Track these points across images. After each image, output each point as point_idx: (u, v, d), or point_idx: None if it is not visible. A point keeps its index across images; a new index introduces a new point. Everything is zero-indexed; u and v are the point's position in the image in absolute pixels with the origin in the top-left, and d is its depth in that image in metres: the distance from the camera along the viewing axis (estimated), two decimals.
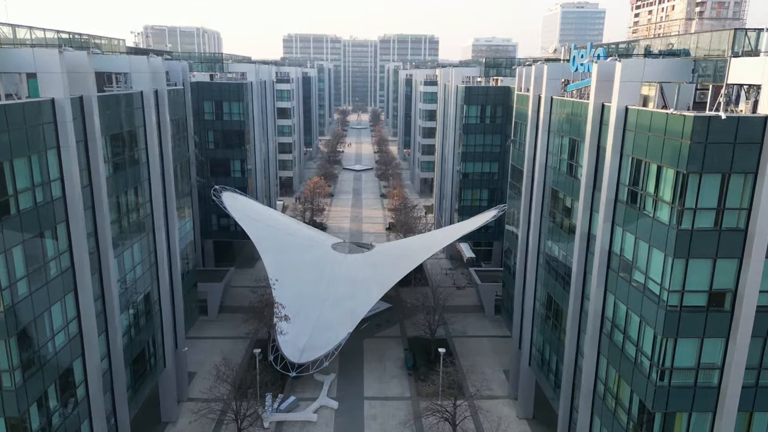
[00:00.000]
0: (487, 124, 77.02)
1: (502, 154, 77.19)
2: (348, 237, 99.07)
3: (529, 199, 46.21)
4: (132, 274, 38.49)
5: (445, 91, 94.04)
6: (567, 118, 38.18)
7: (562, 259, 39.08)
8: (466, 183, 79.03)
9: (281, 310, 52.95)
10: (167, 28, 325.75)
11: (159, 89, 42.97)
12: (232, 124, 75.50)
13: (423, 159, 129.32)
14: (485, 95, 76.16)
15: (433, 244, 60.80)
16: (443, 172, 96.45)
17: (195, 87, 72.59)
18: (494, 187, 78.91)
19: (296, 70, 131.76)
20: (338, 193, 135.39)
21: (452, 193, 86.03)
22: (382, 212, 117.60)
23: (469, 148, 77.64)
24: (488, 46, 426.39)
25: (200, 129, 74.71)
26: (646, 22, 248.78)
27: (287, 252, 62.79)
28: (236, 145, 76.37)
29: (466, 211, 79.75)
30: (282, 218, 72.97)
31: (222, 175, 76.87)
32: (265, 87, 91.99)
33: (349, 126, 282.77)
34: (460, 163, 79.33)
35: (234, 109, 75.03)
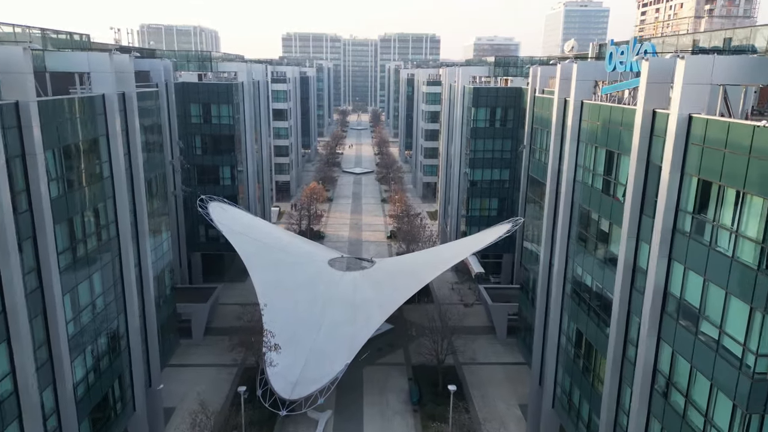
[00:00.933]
0: (497, 128, 71.24)
1: (514, 160, 71.44)
2: (347, 246, 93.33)
3: (552, 218, 40.39)
4: (90, 310, 32.67)
5: (451, 91, 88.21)
6: (603, 126, 32.34)
7: (597, 290, 33.26)
8: (474, 191, 73.23)
9: (271, 339, 47.16)
10: (163, 27, 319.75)
11: (127, 92, 37.13)
12: (221, 128, 69.69)
13: (426, 162, 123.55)
14: (495, 97, 70.34)
15: (440, 262, 55.03)
16: (449, 178, 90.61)
17: (180, 88, 66.78)
18: (505, 196, 73.14)
19: (293, 70, 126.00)
20: (337, 197, 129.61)
21: (459, 201, 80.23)
22: (383, 219, 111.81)
23: (478, 153, 71.87)
24: (490, 46, 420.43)
25: (186, 133, 68.91)
26: (653, 21, 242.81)
27: (279, 269, 56.97)
28: (226, 150, 70.56)
29: (474, 222, 74.04)
30: (274, 231, 67.17)
31: (210, 183, 71.07)
32: (258, 87, 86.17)
33: (348, 127, 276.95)
34: (467, 170, 73.56)
35: (223, 111, 69.21)
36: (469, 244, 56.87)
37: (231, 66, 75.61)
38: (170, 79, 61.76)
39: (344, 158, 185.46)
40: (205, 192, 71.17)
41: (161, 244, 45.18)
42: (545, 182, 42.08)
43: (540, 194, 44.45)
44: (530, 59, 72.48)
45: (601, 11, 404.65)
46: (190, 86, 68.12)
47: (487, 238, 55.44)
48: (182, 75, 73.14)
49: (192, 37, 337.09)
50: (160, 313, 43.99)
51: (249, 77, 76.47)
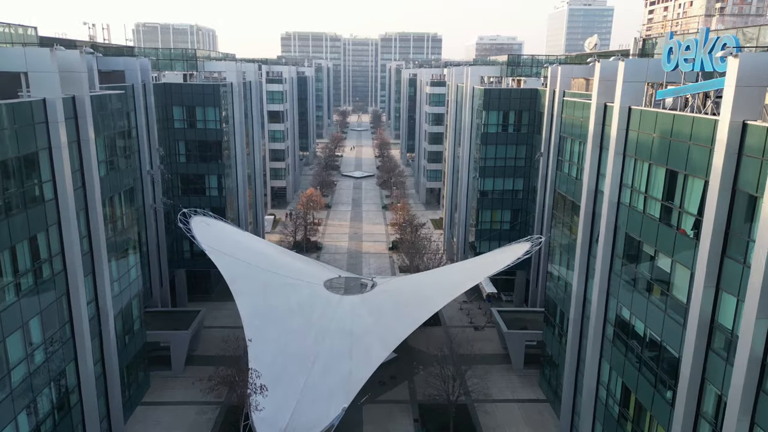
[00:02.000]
0: (510, 133, 64.87)
1: (529, 168, 65.09)
2: (346, 259, 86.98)
3: (587, 244, 34.04)
4: (24, 366, 26.31)
5: (458, 93, 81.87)
6: (662, 139, 25.99)
7: (653, 342, 26.93)
8: (484, 202, 66.86)
9: (256, 380, 40.81)
10: (159, 26, 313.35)
11: (78, 95, 30.79)
12: (207, 134, 63.34)
13: (429, 167, 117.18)
14: (508, 99, 63.97)
15: (449, 286, 48.67)
16: (456, 185, 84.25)
17: (161, 90, 60.46)
18: (518, 207, 66.77)
19: (290, 70, 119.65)
20: (336, 204, 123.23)
21: (467, 212, 73.87)
22: (384, 227, 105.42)
23: (489, 161, 65.50)
24: (492, 45, 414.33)
25: (168, 139, 62.56)
26: (662, 20, 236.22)
27: (269, 293, 50.64)
28: (213, 157, 64.20)
29: (483, 235, 67.67)
30: (265, 247, 60.81)
31: (196, 194, 64.74)
32: (250, 88, 79.81)
33: (348, 128, 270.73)
34: (477, 179, 67.19)
35: (209, 115, 62.85)
36: (482, 266, 50.50)
37: (219, 65, 69.29)
38: (148, 80, 55.44)
39: (344, 161, 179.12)
40: (190, 204, 64.86)
41: (128, 271, 38.81)
42: (578, 201, 35.73)
43: (570, 214, 38.13)
44: (547, 58, 66.16)
45: (605, 10, 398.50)
46: (173, 87, 61.76)
47: (502, 259, 49.06)
48: (166, 75, 66.84)
49: (189, 36, 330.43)
50: (126, 352, 37.68)
51: (239, 77, 70.12)
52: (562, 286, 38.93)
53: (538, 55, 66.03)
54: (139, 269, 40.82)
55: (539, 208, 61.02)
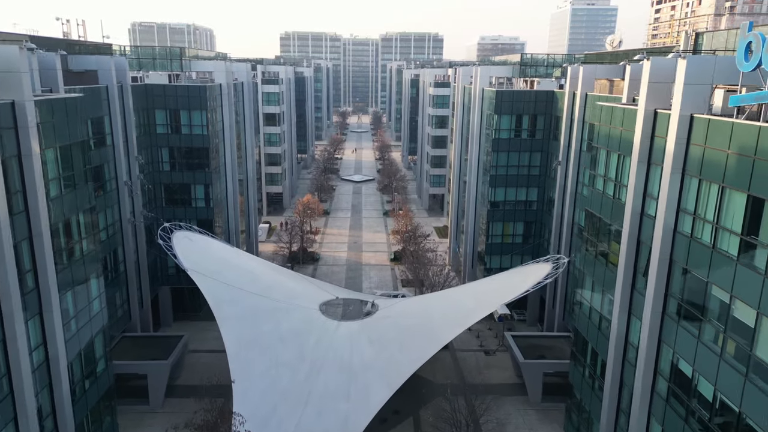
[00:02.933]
0: (523, 139, 59.52)
1: (544, 178, 59.73)
2: (344, 272, 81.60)
3: (631, 277, 28.64)
4: None
5: (464, 94, 76.53)
6: (743, 158, 20.62)
7: (725, 407, 21.54)
8: (495, 213, 61.45)
9: (240, 427, 35.45)
10: (156, 25, 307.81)
11: (17, 100, 25.40)
12: (192, 139, 57.94)
13: (432, 172, 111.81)
14: (522, 102, 58.60)
15: (461, 314, 43.19)
16: (462, 194, 78.89)
17: (142, 91, 55.10)
18: (532, 219, 61.41)
19: (286, 70, 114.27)
20: (335, 210, 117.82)
21: (475, 223, 68.48)
22: (385, 236, 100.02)
23: (500, 169, 60.11)
24: (494, 45, 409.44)
25: (150, 146, 57.19)
26: (669, 19, 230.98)
27: (257, 319, 45.26)
28: (199, 165, 58.80)
29: (494, 249, 62.31)
30: (256, 265, 55.34)
31: (180, 205, 59.35)
32: (242, 90, 74.46)
33: (348, 129, 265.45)
34: (487, 188, 61.83)
35: (195, 119, 57.46)
36: (497, 291, 45.01)
37: (207, 65, 63.87)
38: (125, 80, 50.04)
39: (343, 164, 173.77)
40: (175, 216, 59.51)
41: (90, 303, 33.37)
42: (616, 224, 30.35)
43: (604, 237, 32.74)
44: (565, 57, 60.75)
45: (609, 10, 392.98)
46: (155, 89, 56.38)
47: (520, 282, 43.61)
48: (150, 76, 61.48)
49: (186, 35, 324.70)
50: (87, 400, 32.27)
51: (229, 78, 64.72)
52: (595, 321, 33.53)
53: (554, 54, 60.65)
54: (104, 300, 35.31)
55: (556, 221, 55.64)
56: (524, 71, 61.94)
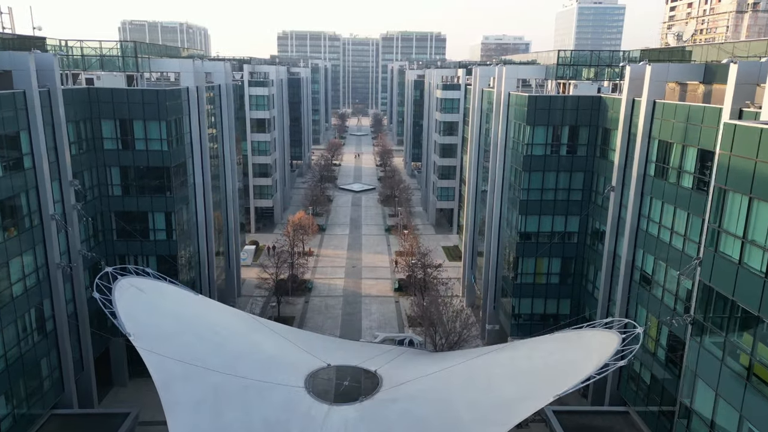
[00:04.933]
0: (562, 156, 47.90)
1: (587, 204, 48.15)
2: (341, 305, 69.99)
3: None
4: None
5: (482, 99, 64.96)
6: None
7: None
8: (525, 247, 49.81)
9: None
10: (147, 23, 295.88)
11: None
12: (149, 157, 46.34)
13: (440, 184, 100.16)
14: (561, 110, 46.97)
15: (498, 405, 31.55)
16: (479, 214, 67.27)
17: (83, 97, 43.52)
18: (571, 255, 49.77)
19: (277, 70, 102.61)
20: (331, 225, 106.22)
21: (498, 256, 56.85)
22: (388, 258, 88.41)
23: (533, 194, 48.51)
24: (498, 45, 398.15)
25: (96, 165, 45.62)
26: (685, 17, 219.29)
27: (221, 405, 33.60)
28: (158, 188, 47.20)
29: (524, 291, 50.72)
30: (225, 320, 43.34)
31: (136, 238, 47.73)
32: (219, 93, 62.83)
33: (348, 132, 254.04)
34: (515, 216, 50.26)
35: (152, 131, 45.85)
36: (546, 372, 33.17)
37: (171, 64, 52.21)
38: (54, 84, 38.39)
39: (341, 171, 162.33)
40: (129, 252, 48.03)
41: None
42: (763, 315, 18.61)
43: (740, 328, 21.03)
44: (624, 55, 49.08)
45: (616, 9, 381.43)
46: (101, 94, 44.71)
47: (576, 360, 31.89)
48: (102, 78, 49.94)
49: (179, 34, 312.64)
50: None
51: (199, 80, 53.11)
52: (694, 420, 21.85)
53: (600, 50, 49.07)
54: None
55: (607, 261, 44.01)
56: (561, 72, 50.21)
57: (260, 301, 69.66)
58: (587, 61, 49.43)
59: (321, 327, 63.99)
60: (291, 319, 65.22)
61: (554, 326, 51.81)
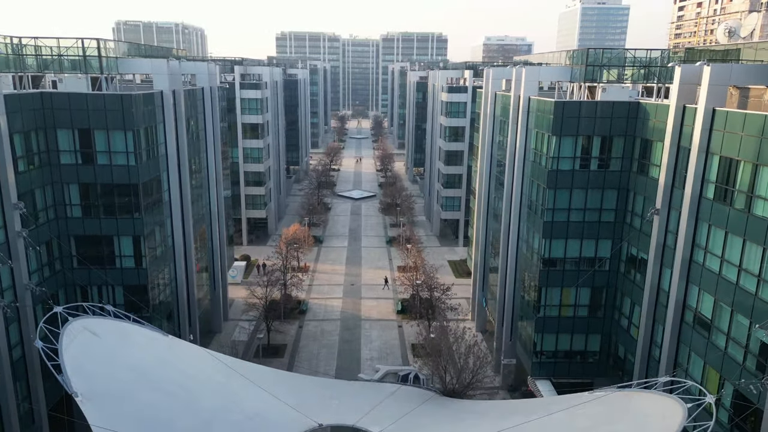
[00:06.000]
0: (593, 171, 41.35)
1: (621, 226, 41.62)
2: (338, 330, 63.39)
3: None
4: None
5: (496, 103, 58.45)
6: None
7: None
8: (550, 275, 43.24)
9: None
10: (142, 24, 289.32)
11: None
12: (114, 172, 39.83)
13: (445, 194, 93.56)
14: (592, 118, 40.45)
15: None
16: (492, 229, 60.76)
17: (35, 104, 37.03)
18: (602, 284, 43.20)
19: (271, 72, 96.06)
20: (329, 237, 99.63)
21: (515, 283, 50.37)
22: (390, 273, 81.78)
23: (559, 214, 41.96)
24: (500, 46, 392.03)
25: (51, 183, 39.13)
26: (694, 17, 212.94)
27: None
28: (125, 209, 40.69)
29: (549, 326, 44.13)
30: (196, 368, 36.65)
31: (99, 266, 41.22)
32: (203, 97, 56.32)
33: (347, 135, 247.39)
34: (538, 239, 43.76)
35: (117, 143, 39.34)
36: None
37: (142, 65, 45.66)
38: None
39: (340, 176, 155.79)
40: (91, 282, 41.50)
41: None
42: None
43: None
44: (665, 54, 42.56)
45: (621, 9, 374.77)
46: (57, 99, 38.20)
47: None
48: (64, 81, 43.38)
49: (174, 35, 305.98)
50: None
51: (175, 83, 46.62)
52: None
53: (637, 48, 42.56)
54: None
55: (649, 296, 37.49)
56: (592, 74, 43.59)
57: (249, 327, 63.06)
58: (621, 61, 42.87)
59: (316, 357, 57.49)
60: (282, 348, 58.71)
61: (581, 362, 45.48)
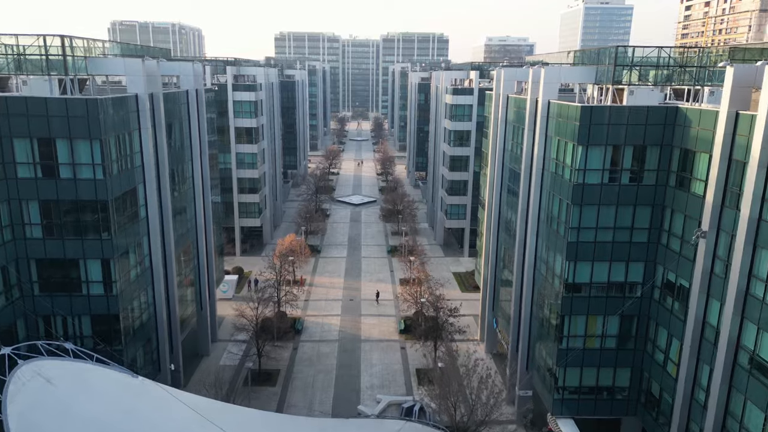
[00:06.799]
0: (624, 185, 36.41)
1: (655, 247, 36.68)
2: (336, 353, 58.43)
3: None
4: None
5: (508, 107, 53.49)
6: None
7: None
8: (575, 303, 38.28)
9: None
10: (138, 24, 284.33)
11: None
12: (79, 187, 34.94)
13: (450, 201, 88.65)
14: (623, 126, 35.54)
15: None
16: (504, 244, 55.80)
17: None
18: (633, 312, 38.23)
19: (266, 73, 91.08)
20: (327, 246, 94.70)
21: (532, 306, 45.45)
22: (391, 287, 76.95)
23: (585, 233, 37.04)
24: (502, 46, 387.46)
25: (5, 199, 34.24)
26: (702, 17, 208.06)
27: None
28: (92, 228, 35.80)
29: (573, 359, 39.16)
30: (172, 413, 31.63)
31: (63, 293, 36.35)
32: (186, 100, 51.40)
33: (347, 137, 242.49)
34: (561, 261, 38.83)
35: (82, 154, 34.45)
36: None
37: (114, 65, 40.66)
38: None
39: (340, 180, 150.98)
40: (55, 310, 36.60)
41: None
42: None
43: None
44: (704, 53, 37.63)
45: (624, 9, 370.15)
46: (12, 104, 33.33)
47: None
48: (29, 83, 38.43)
49: (171, 35, 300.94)
50: None
51: (153, 85, 41.69)
52: None
53: (671, 46, 37.65)
54: None
55: (693, 332, 32.55)
56: (620, 74, 38.61)
57: (239, 351, 58.09)
58: (655, 60, 37.93)
59: (311, 385, 52.54)
60: (275, 374, 53.76)
61: (608, 399, 40.51)
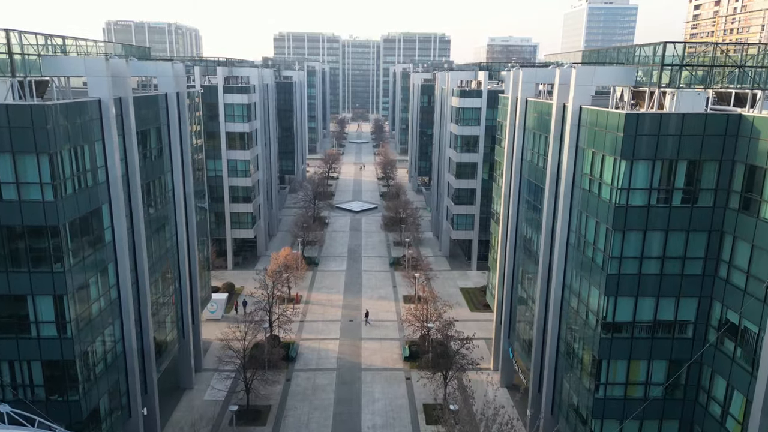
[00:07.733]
0: (674, 207, 30.58)
1: (711, 281, 30.81)
2: (334, 386, 52.52)
3: None
4: None
5: (527, 113, 47.65)
6: None
7: None
8: (615, 345, 32.41)
9: None
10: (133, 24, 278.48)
11: None
12: (24, 211, 29.12)
13: (456, 211, 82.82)
14: (675, 137, 29.73)
15: None
16: (520, 263, 49.91)
17: None
18: (683, 356, 32.36)
19: (261, 74, 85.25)
20: (325, 257, 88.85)
21: (558, 340, 39.56)
22: (394, 305, 71.12)
23: (628, 264, 31.19)
24: (504, 47, 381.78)
25: None
26: (712, 16, 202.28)
27: None
28: (41, 259, 30.00)
29: (611, 409, 33.34)
30: None
31: (6, 334, 30.51)
32: (165, 104, 45.55)
33: (347, 139, 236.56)
34: (598, 295, 32.99)
35: (27, 171, 28.65)
36: None
37: (73, 65, 34.73)
38: None
39: (339, 185, 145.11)
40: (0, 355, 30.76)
41: None
42: None
43: None
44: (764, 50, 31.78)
45: (628, 9, 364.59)
46: None
47: None
48: None
49: (167, 35, 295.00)
50: None
51: (122, 89, 35.88)
52: None
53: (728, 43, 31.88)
54: None
55: (766, 386, 26.67)
56: (671, 75, 32.72)
57: (224, 387, 52.18)
58: (712, 60, 32.07)
59: (306, 424, 46.68)
60: (265, 412, 47.91)
61: None
